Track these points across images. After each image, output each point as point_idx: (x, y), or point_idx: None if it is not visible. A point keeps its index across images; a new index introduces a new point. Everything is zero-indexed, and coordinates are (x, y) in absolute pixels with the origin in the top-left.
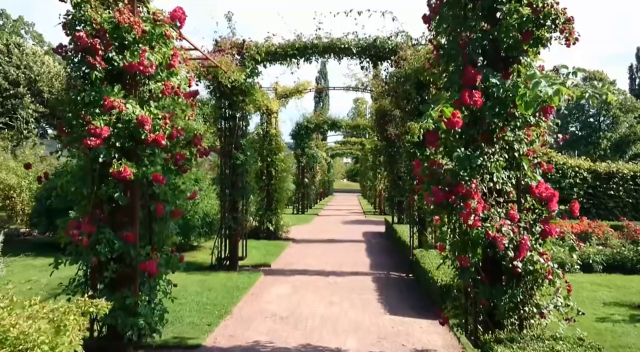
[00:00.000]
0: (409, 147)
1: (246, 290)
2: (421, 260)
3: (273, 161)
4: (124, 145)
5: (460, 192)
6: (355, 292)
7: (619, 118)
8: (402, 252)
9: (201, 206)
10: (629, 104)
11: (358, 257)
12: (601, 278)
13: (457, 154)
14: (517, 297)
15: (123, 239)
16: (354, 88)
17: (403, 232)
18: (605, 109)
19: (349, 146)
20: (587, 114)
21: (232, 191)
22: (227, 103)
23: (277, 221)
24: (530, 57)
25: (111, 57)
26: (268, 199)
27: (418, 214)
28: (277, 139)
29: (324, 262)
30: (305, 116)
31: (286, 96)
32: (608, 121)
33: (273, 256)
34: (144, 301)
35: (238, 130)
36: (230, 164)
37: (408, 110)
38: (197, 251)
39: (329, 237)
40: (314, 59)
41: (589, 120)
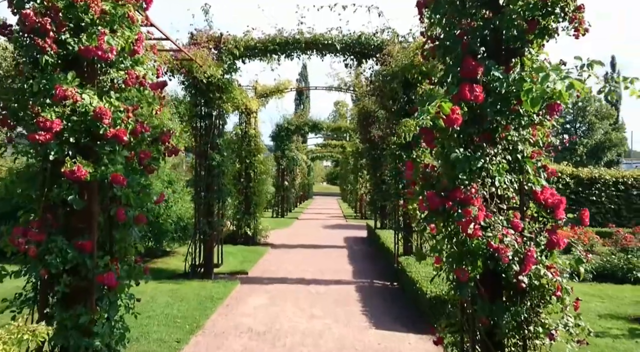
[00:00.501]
0: (395, 149)
1: (221, 301)
2: (407, 268)
3: (252, 163)
4: (79, 141)
5: (458, 197)
6: (338, 303)
7: (594, 125)
8: (386, 259)
9: (175, 210)
10: (604, 111)
11: (340, 264)
12: (592, 288)
13: (455, 155)
14: (521, 315)
15: (78, 248)
16: (336, 88)
17: (387, 238)
18: (581, 115)
19: (330, 149)
20: (564, 119)
21: (207, 194)
22: (203, 100)
23: (256, 226)
24: (535, 49)
25: (65, 39)
26: (246, 203)
27: (403, 220)
28: (256, 140)
29: (304, 270)
30: (286, 117)
31: (266, 95)
32: (584, 127)
33: (251, 262)
34: (102, 318)
35: (214, 130)
36: (206, 165)
37: (394, 110)
38: (170, 257)
39: (309, 242)
40: (296, 55)
41: (565, 126)
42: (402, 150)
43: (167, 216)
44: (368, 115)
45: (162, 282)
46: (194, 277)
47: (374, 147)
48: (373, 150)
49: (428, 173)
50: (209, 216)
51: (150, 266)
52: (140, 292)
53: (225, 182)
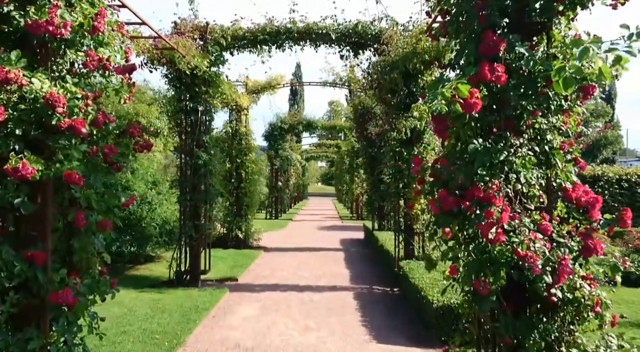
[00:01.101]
0: (394, 146)
1: (206, 312)
2: (409, 274)
3: (243, 162)
4: (27, 134)
5: (476, 196)
6: (334, 313)
7: (590, 123)
8: (386, 262)
9: (159, 212)
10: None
11: (336, 268)
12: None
13: (474, 146)
14: (552, 333)
15: (27, 260)
16: (331, 83)
17: (385, 241)
18: None
19: (324, 149)
20: None
21: (194, 195)
22: (188, 95)
23: (248, 228)
24: (564, 22)
25: (8, 12)
26: (237, 204)
27: (404, 221)
28: (247, 138)
29: (298, 275)
30: (279, 116)
31: (257, 91)
32: None
33: (241, 267)
34: (58, 342)
35: (201, 126)
36: (192, 164)
37: (393, 103)
38: (154, 263)
39: (304, 244)
40: (288, 46)
41: None
42: (402, 147)
43: (150, 219)
44: (365, 112)
45: (144, 291)
46: (179, 285)
47: (371, 144)
48: (370, 148)
49: (439, 169)
50: (196, 219)
51: (133, 273)
52: (118, 303)
53: (213, 182)
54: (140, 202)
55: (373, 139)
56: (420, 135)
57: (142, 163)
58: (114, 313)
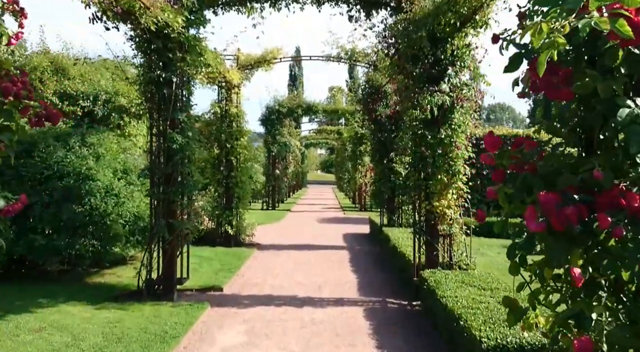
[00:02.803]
0: (416, 127)
1: (176, 340)
2: (437, 289)
3: (233, 148)
4: None
5: (630, 205)
6: (342, 342)
7: None
8: (400, 267)
9: (129, 206)
10: None
11: (341, 272)
12: None
13: (629, 112)
14: None
15: None
16: (335, 58)
17: (399, 240)
18: None
19: (325, 135)
20: None
21: (167, 187)
22: (160, 62)
23: (239, 223)
24: None
25: None
26: (227, 196)
27: (426, 220)
28: (239, 121)
29: (296, 283)
30: (277, 99)
31: (251, 67)
32: None
33: (229, 271)
34: None
35: (176, 102)
36: (165, 149)
37: (416, 74)
38: (126, 265)
39: (303, 241)
40: (284, 3)
41: None
42: (425, 128)
43: (117, 215)
44: (373, 91)
45: (102, 308)
46: (149, 298)
47: (380, 128)
48: (379, 133)
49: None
50: (170, 216)
51: (96, 280)
52: (64, 328)
53: (191, 171)
54: (104, 195)
55: (383, 122)
56: (448, 114)
57: (110, 147)
58: (52, 345)
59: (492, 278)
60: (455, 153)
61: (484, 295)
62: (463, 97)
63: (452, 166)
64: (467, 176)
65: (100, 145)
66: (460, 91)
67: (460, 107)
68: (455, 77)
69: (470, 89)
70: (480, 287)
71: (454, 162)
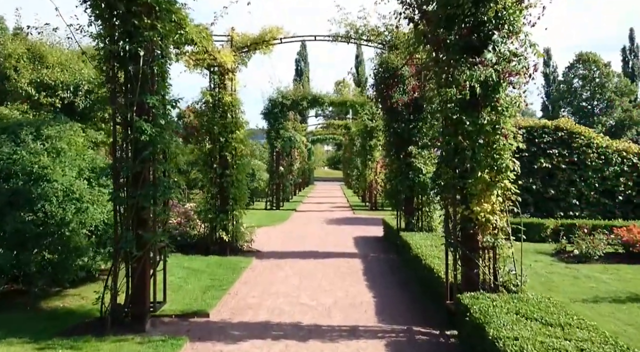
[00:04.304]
0: (450, 111)
1: None
2: (488, 327)
3: (228, 142)
4: None
5: None
6: None
7: (614, 102)
8: (426, 282)
9: (94, 213)
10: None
11: (355, 289)
12: None
13: None
14: None
15: None
16: (344, 37)
17: (423, 250)
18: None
19: (332, 130)
20: (580, 98)
21: (135, 190)
22: (124, 31)
23: (236, 228)
24: None
25: None
26: (222, 197)
27: (463, 229)
28: (234, 111)
29: (300, 304)
30: (280, 91)
31: (248, 49)
32: (602, 105)
33: (220, 289)
34: None
35: (145, 82)
36: (131, 142)
37: (451, 42)
38: (93, 283)
39: (309, 247)
40: None
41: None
42: (462, 112)
43: (79, 223)
44: (388, 75)
45: (46, 348)
46: (113, 329)
47: (396, 118)
48: (395, 123)
49: None
50: (140, 226)
51: (53, 303)
52: None
53: (168, 169)
54: (63, 199)
55: (399, 111)
56: (491, 94)
57: (75, 141)
58: None
59: (554, 306)
60: (502, 143)
61: (555, 335)
62: (512, 70)
63: (497, 160)
64: (515, 172)
65: (61, 138)
66: (507, 63)
67: (509, 83)
68: (502, 44)
69: (521, 60)
70: (545, 323)
71: (499, 155)
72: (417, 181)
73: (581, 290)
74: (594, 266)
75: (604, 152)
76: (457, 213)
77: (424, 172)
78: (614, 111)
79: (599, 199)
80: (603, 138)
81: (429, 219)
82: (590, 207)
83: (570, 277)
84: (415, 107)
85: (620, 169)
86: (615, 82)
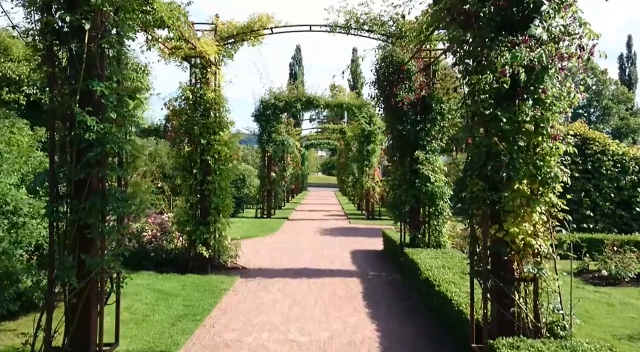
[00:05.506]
0: (480, 105)
1: None
2: None
3: (210, 144)
4: None
5: None
6: None
7: (610, 110)
8: (439, 313)
9: (33, 229)
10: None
11: (354, 320)
12: None
13: None
14: None
15: None
16: (343, 27)
17: (435, 272)
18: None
19: (326, 135)
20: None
21: (78, 202)
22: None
23: (218, 242)
24: None
25: None
26: (202, 206)
27: (495, 255)
28: (217, 109)
29: (290, 341)
30: (272, 91)
31: (234, 40)
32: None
33: (193, 320)
34: None
35: (92, 65)
36: (74, 140)
37: (484, 15)
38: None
39: (300, 263)
40: None
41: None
42: (496, 106)
43: (12, 242)
44: (393, 70)
45: None
46: None
47: (401, 119)
48: (400, 125)
49: None
50: (84, 249)
51: None
52: None
53: (122, 175)
54: None
55: (405, 111)
56: (535, 83)
57: (17, 142)
58: None
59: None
60: (548, 146)
61: None
62: (562, 53)
63: (540, 168)
64: (565, 183)
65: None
66: (555, 44)
67: (559, 69)
68: (552, 18)
69: (574, 40)
70: None
71: (544, 161)
72: (424, 190)
73: (621, 322)
74: (628, 290)
75: (620, 159)
76: (488, 234)
77: (432, 181)
78: (611, 119)
79: (614, 210)
80: (619, 145)
81: (437, 233)
82: (606, 219)
83: (604, 304)
84: (422, 107)
85: (638, 178)
86: (612, 90)
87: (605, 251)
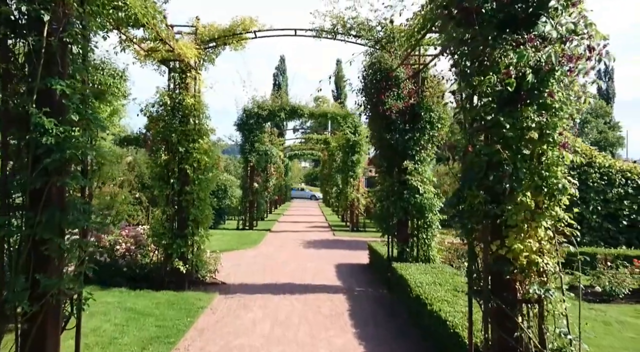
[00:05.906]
0: (481, 110)
1: None
2: None
3: (189, 153)
4: None
5: None
6: None
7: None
8: (431, 333)
9: None
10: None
11: (339, 341)
12: None
13: None
14: None
15: None
16: (328, 32)
17: (426, 289)
18: None
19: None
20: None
21: (29, 215)
22: None
23: (196, 256)
24: None
25: None
26: (180, 218)
27: (496, 274)
28: (197, 116)
29: None
30: (256, 100)
31: (216, 43)
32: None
33: (165, 343)
34: None
35: (52, 61)
36: (27, 145)
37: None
38: None
39: (284, 278)
40: None
41: None
42: (499, 110)
43: None
44: (381, 77)
45: None
46: None
47: (389, 128)
48: (388, 134)
49: None
50: (39, 268)
51: None
52: None
53: (86, 185)
54: None
55: (393, 119)
56: (540, 86)
57: None
58: None
59: None
60: (554, 155)
61: None
62: (571, 54)
63: (546, 179)
64: (573, 196)
65: None
66: (562, 44)
67: (567, 71)
68: (560, 15)
69: (583, 39)
70: None
71: (550, 171)
72: (412, 202)
73: (620, 342)
74: (622, 307)
75: (606, 172)
76: (489, 251)
77: (421, 192)
78: (590, 132)
79: (601, 223)
80: (605, 157)
81: (427, 247)
82: (593, 232)
83: (600, 322)
84: (411, 115)
85: (625, 191)
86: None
87: (599, 266)
